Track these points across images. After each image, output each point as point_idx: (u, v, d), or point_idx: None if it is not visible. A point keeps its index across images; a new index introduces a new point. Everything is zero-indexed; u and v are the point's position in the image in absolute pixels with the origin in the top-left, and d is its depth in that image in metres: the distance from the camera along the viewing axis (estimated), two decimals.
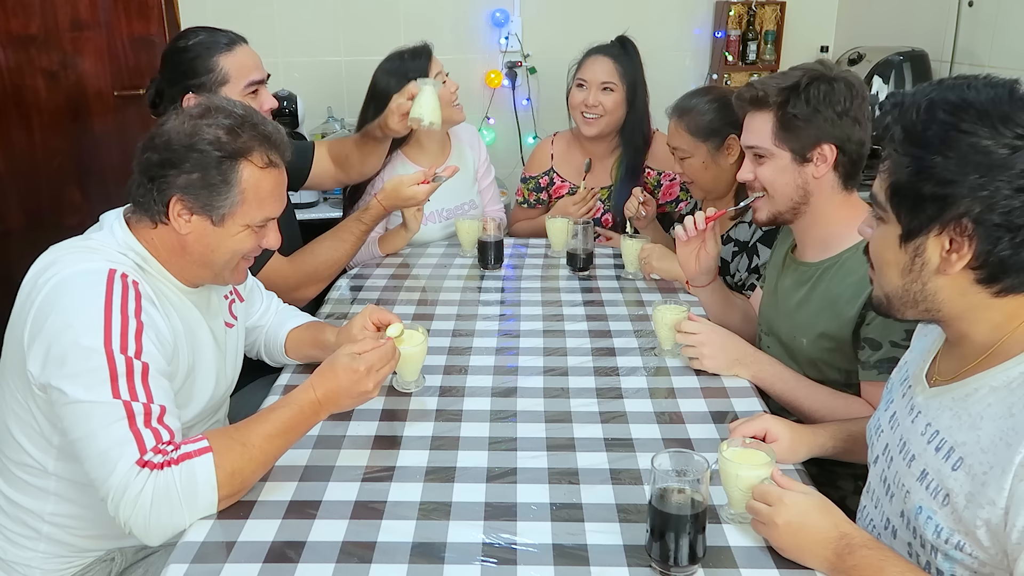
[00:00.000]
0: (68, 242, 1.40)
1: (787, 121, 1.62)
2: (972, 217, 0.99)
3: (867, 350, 1.56)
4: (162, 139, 1.37)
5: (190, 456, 1.20)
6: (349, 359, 1.33)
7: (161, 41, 3.37)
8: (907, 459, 1.14)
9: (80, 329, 1.24)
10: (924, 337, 1.26)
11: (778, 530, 1.13)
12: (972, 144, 0.98)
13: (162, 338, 1.34)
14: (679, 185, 2.69)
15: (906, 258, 1.07)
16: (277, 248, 1.51)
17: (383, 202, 2.19)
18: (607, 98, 2.61)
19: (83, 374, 1.22)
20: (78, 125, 3.43)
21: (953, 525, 1.04)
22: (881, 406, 1.29)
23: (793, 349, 1.73)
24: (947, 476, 1.05)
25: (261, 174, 1.40)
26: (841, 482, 1.64)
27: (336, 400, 1.34)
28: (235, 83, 2.00)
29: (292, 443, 1.31)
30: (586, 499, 1.29)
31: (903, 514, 1.14)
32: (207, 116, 1.38)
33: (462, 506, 1.27)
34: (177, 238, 1.40)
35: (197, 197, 1.36)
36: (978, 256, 1.01)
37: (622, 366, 1.75)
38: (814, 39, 3.57)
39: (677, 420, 1.53)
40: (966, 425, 1.05)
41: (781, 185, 1.67)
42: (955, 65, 2.86)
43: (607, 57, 2.64)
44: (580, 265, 2.34)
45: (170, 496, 1.18)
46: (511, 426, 1.52)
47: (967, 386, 1.08)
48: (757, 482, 1.18)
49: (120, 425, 1.20)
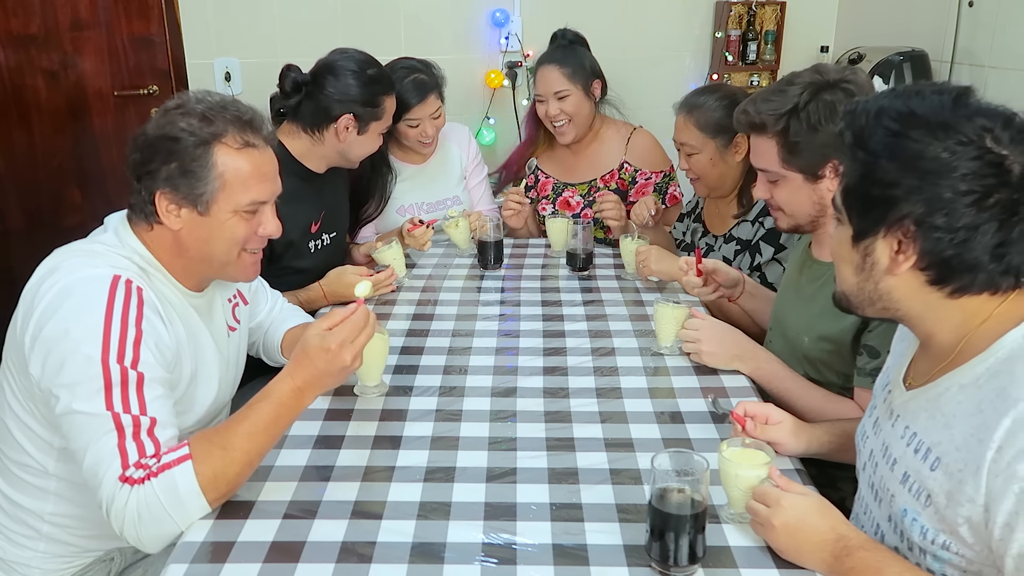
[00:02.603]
0: (72, 246, 1.40)
1: (790, 146, 1.61)
2: (915, 219, 1.02)
3: (865, 356, 1.56)
4: (141, 138, 1.38)
5: (169, 466, 1.20)
6: (319, 339, 1.30)
7: (161, 41, 3.37)
8: (890, 463, 1.15)
9: (79, 337, 1.25)
10: (902, 342, 1.27)
11: (776, 532, 1.13)
12: (914, 150, 1.01)
13: (162, 346, 1.34)
14: (653, 186, 2.68)
15: (858, 258, 1.11)
16: (278, 236, 1.48)
17: (324, 287, 2.17)
18: (566, 104, 2.61)
19: (79, 383, 1.23)
20: (78, 125, 3.43)
21: (937, 525, 1.05)
22: (866, 412, 1.31)
23: (795, 347, 1.73)
24: (927, 477, 1.06)
25: (238, 155, 1.38)
26: (841, 484, 1.64)
27: (318, 383, 1.31)
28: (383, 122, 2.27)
29: (277, 437, 1.30)
30: (586, 499, 1.29)
31: (891, 518, 1.15)
32: (180, 107, 1.38)
33: (462, 506, 1.27)
34: (172, 236, 1.40)
35: (179, 188, 1.36)
36: (923, 257, 1.04)
37: (622, 366, 1.75)
38: (814, 39, 3.56)
39: (677, 420, 1.53)
40: (940, 425, 1.07)
41: (798, 204, 1.67)
42: (955, 65, 2.86)
43: (551, 65, 2.63)
44: (580, 265, 2.34)
45: (153, 509, 1.18)
46: (511, 426, 1.52)
47: (939, 386, 1.09)
48: (757, 482, 1.18)
49: (108, 439, 1.21)
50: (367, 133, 2.25)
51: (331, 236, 2.35)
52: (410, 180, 2.68)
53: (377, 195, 2.61)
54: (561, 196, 2.77)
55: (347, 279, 2.13)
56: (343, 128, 2.21)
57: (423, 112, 2.51)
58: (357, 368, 1.35)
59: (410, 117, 2.50)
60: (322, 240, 2.32)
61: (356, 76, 2.21)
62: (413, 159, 2.68)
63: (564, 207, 2.76)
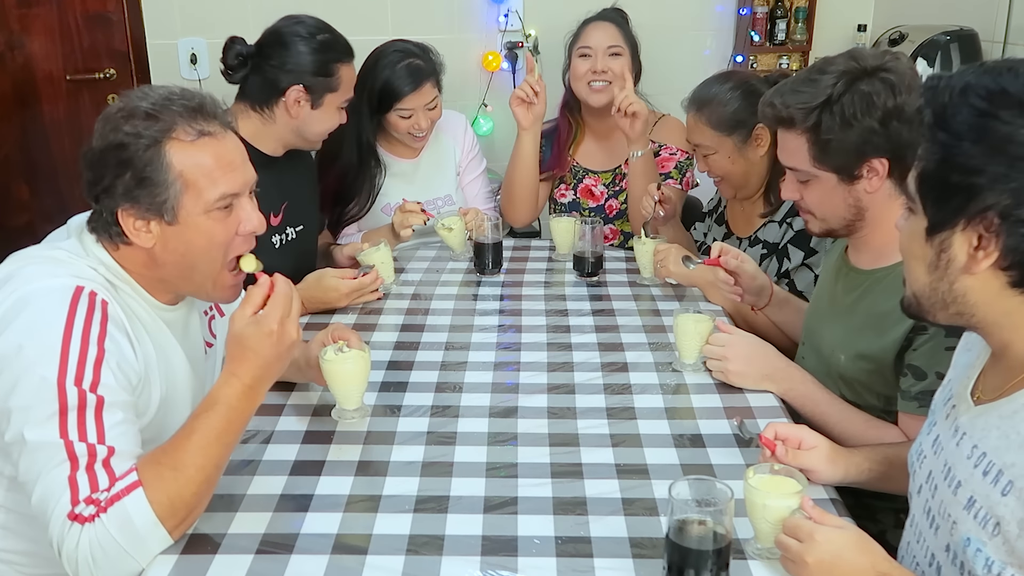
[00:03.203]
0: (30, 251, 1.41)
1: (823, 144, 1.61)
2: (999, 211, 1.01)
3: (909, 378, 1.55)
4: (89, 154, 1.37)
5: (118, 497, 1.20)
6: (255, 327, 1.31)
7: (119, 19, 3.39)
8: (952, 486, 1.15)
9: (34, 355, 1.25)
10: (968, 352, 1.26)
11: (809, 569, 1.13)
12: (1003, 133, 1.00)
13: (126, 367, 1.34)
14: (675, 163, 2.69)
15: (932, 254, 1.09)
16: (263, 231, 1.47)
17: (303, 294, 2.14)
18: (615, 63, 2.64)
19: (31, 406, 1.23)
20: (26, 113, 3.44)
21: (1005, 558, 1.04)
22: (923, 430, 1.30)
23: (830, 365, 1.73)
24: (996, 502, 1.06)
25: (194, 148, 1.37)
26: (880, 515, 1.64)
27: (267, 373, 1.32)
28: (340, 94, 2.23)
29: (232, 446, 1.31)
30: (595, 532, 1.29)
31: (949, 547, 1.14)
32: (122, 110, 1.37)
33: (456, 540, 1.28)
34: (146, 253, 1.40)
35: (139, 199, 1.35)
36: (1006, 255, 1.03)
37: (635, 383, 1.76)
38: (850, 17, 3.57)
39: (698, 443, 1.54)
40: (1015, 445, 1.06)
41: (831, 207, 1.67)
42: (1008, 46, 2.87)
43: (606, 22, 2.70)
44: (588, 269, 2.34)
45: (108, 549, 1.18)
46: (511, 450, 1.52)
47: (1014, 402, 1.08)
48: (787, 513, 1.18)
49: (59, 471, 1.21)
50: (322, 107, 2.22)
51: (297, 230, 2.34)
52: (399, 176, 2.69)
53: (364, 191, 2.61)
54: (583, 183, 2.79)
55: (327, 283, 2.13)
56: (293, 102, 2.17)
57: (417, 102, 2.51)
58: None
59: (402, 107, 2.50)
60: (287, 234, 2.31)
61: (306, 42, 2.18)
62: (403, 152, 2.69)
63: (586, 195, 2.77)
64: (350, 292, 2.15)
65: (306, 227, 2.39)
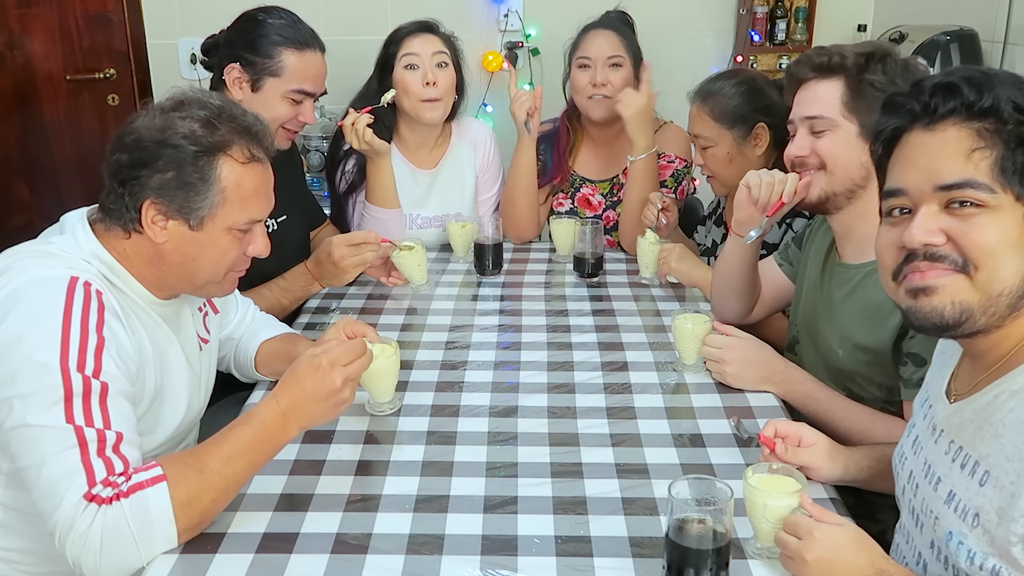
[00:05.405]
0: (24, 246, 1.41)
1: (862, 90, 1.63)
2: None
3: (909, 366, 1.57)
4: (131, 137, 1.38)
5: (142, 486, 1.20)
6: (309, 357, 1.33)
7: (119, 19, 3.39)
8: (933, 482, 1.16)
9: (34, 343, 1.25)
10: (943, 354, 1.28)
11: (808, 567, 1.13)
12: None
13: (125, 356, 1.34)
14: (672, 171, 2.69)
15: None
16: (266, 255, 1.51)
17: (311, 267, 2.15)
18: (615, 75, 2.59)
19: (35, 393, 1.23)
20: (26, 112, 3.44)
21: (986, 548, 1.05)
22: (904, 433, 1.31)
23: (829, 360, 1.74)
24: (975, 494, 1.07)
25: (243, 170, 1.41)
26: (881, 514, 1.64)
27: (304, 409, 1.32)
28: (284, 81, 2.13)
29: (258, 465, 1.31)
30: (595, 531, 1.30)
31: (933, 544, 1.15)
32: (180, 109, 1.39)
33: (456, 539, 1.28)
34: (153, 248, 1.41)
35: (172, 199, 1.37)
36: None
37: (636, 383, 1.76)
38: (850, 17, 3.58)
39: (697, 443, 1.54)
40: (988, 435, 1.08)
41: (844, 161, 1.67)
42: (1008, 46, 2.87)
43: (606, 29, 2.63)
44: (589, 270, 2.35)
45: (121, 533, 1.18)
46: (511, 450, 1.52)
47: (987, 395, 1.10)
48: (787, 512, 1.19)
49: (70, 454, 1.20)
50: (263, 91, 2.12)
51: (279, 221, 2.24)
52: (415, 187, 2.60)
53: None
54: (580, 192, 2.77)
55: (336, 252, 2.09)
56: (232, 81, 2.12)
57: (422, 47, 2.45)
58: (348, 402, 1.36)
59: (406, 52, 2.44)
60: (268, 225, 2.21)
61: (257, 23, 2.15)
62: (422, 161, 2.61)
63: (584, 205, 2.76)
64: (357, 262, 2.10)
65: (289, 218, 2.30)
